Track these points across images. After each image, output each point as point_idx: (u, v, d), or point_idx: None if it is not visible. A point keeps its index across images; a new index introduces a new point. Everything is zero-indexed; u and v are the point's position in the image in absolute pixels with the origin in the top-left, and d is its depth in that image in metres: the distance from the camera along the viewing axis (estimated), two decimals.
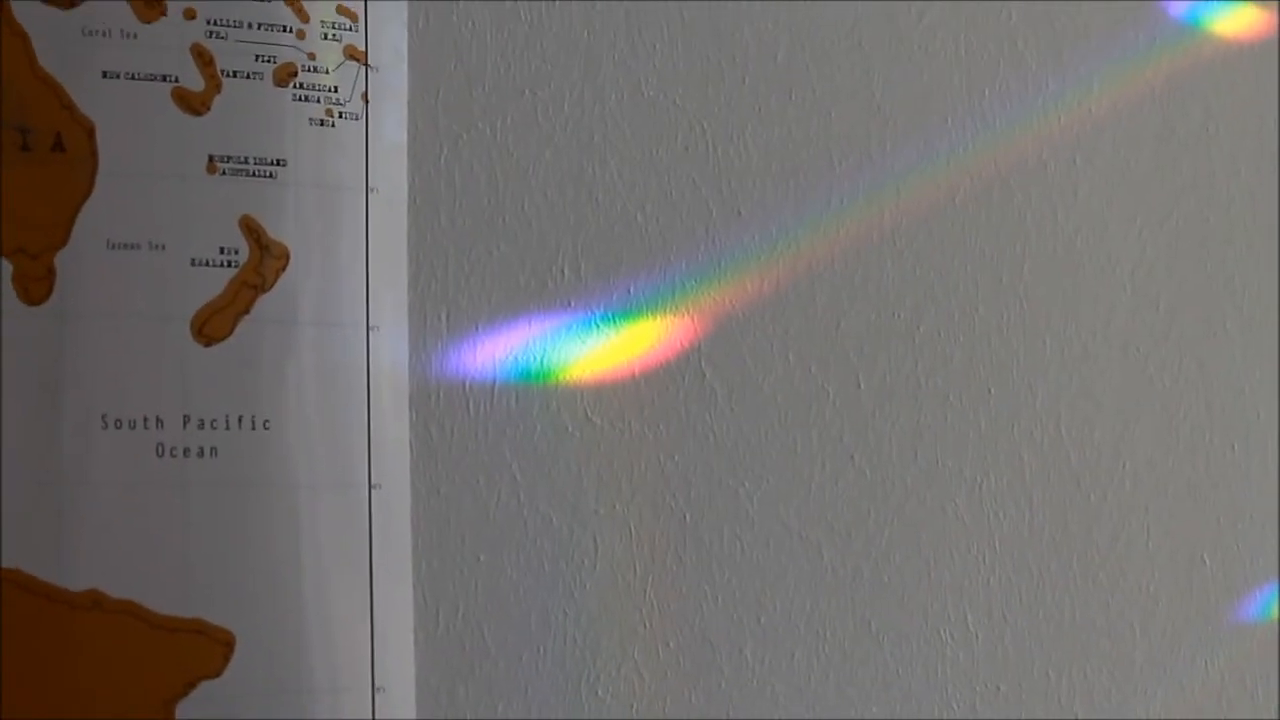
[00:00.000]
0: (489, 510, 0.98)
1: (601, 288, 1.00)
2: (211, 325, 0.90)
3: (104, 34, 0.89)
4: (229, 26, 0.91)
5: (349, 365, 0.94)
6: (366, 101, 0.95)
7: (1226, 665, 1.20)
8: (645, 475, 1.01)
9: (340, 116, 0.94)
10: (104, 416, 0.87)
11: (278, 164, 0.92)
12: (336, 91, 0.94)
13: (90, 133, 0.88)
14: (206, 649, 0.89)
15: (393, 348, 0.95)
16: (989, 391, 1.11)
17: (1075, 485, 1.13)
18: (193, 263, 0.89)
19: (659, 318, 1.01)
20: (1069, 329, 1.13)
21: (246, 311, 0.91)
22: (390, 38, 0.97)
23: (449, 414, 0.97)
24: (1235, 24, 1.16)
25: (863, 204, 1.06)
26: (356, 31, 0.95)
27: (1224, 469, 1.20)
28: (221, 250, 0.90)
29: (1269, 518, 1.22)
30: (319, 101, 0.94)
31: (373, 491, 0.94)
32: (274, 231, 0.91)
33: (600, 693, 1.00)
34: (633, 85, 1.02)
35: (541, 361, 0.99)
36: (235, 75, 0.91)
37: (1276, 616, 1.21)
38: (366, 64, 0.95)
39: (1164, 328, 1.16)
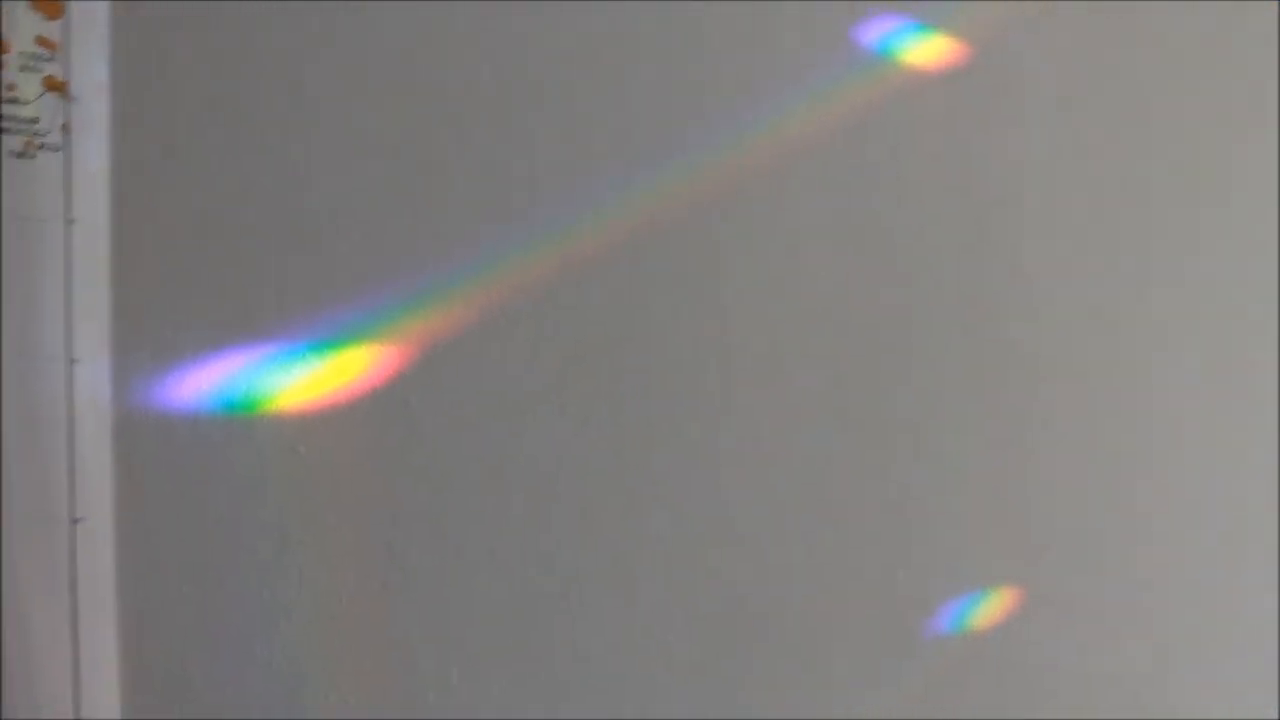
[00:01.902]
0: (194, 542, 0.98)
1: (307, 319, 1.01)
2: None
3: None
4: None
5: (50, 398, 0.93)
6: (67, 132, 0.95)
7: (922, 674, 1.25)
8: (351, 505, 1.02)
9: (40, 148, 0.94)
10: None
11: None
12: (36, 123, 0.94)
13: None
14: None
15: (95, 380, 0.95)
16: (692, 411, 1.14)
17: (772, 503, 1.17)
18: None
19: (364, 349, 1.02)
20: (766, 346, 1.16)
21: None
22: (92, 68, 0.97)
23: (154, 446, 0.97)
24: (922, 54, 1.20)
25: (564, 234, 1.08)
26: (56, 62, 0.95)
27: (913, 488, 1.25)
28: None
29: (959, 539, 1.27)
30: (18, 134, 0.93)
31: (76, 525, 0.94)
32: None
33: None
34: (339, 118, 1.02)
35: (247, 393, 0.99)
36: None
37: (969, 628, 1.27)
38: (67, 95, 0.95)
39: (860, 344, 1.20)
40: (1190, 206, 1.37)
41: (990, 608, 1.27)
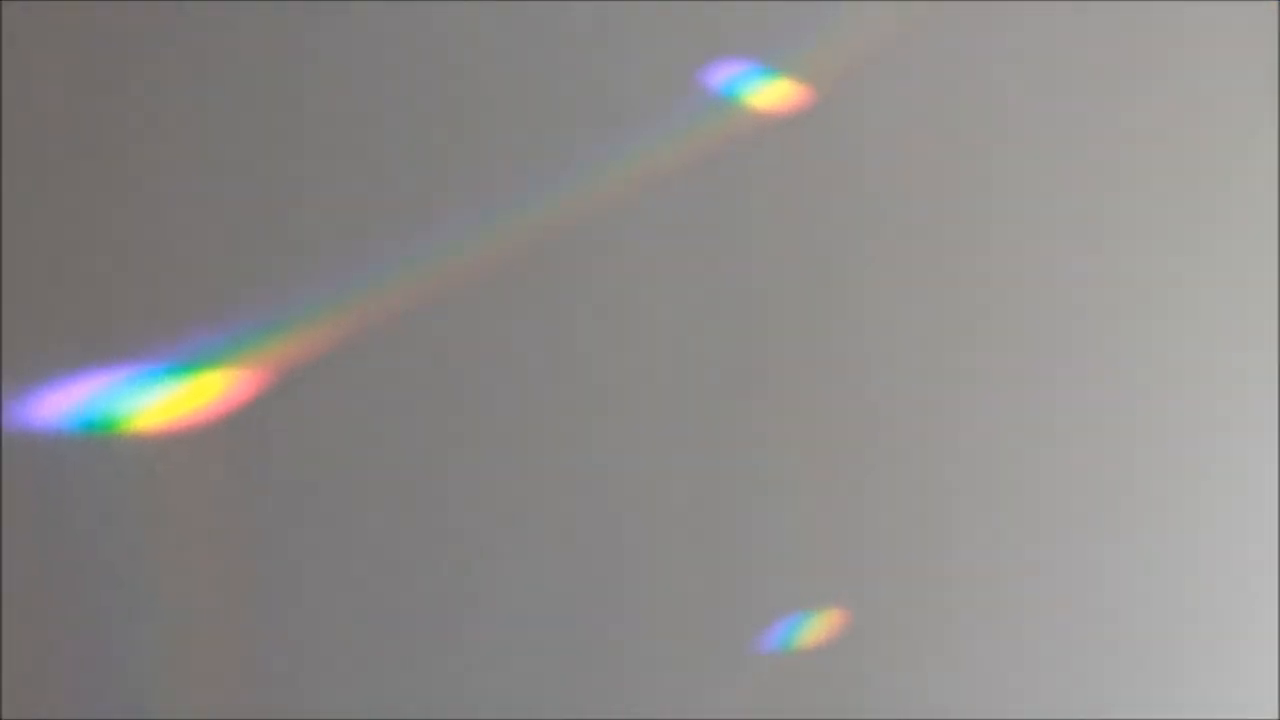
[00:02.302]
0: (51, 564, 0.99)
1: (167, 340, 1.03)
2: None
3: None
4: None
5: None
6: None
7: (750, 692, 1.31)
8: (211, 525, 1.04)
9: None
10: None
11: None
12: None
13: None
14: None
15: None
16: (538, 433, 1.18)
17: (615, 526, 1.22)
18: None
19: (223, 370, 1.05)
20: (619, 381, 1.21)
21: None
22: None
23: (11, 467, 0.99)
24: (768, 98, 1.25)
25: (421, 264, 1.11)
26: None
27: (737, 514, 1.30)
28: None
29: (791, 559, 1.33)
30: None
31: None
32: None
33: None
34: (197, 137, 1.04)
35: (107, 413, 1.01)
36: None
37: (797, 647, 1.33)
38: None
39: (701, 371, 1.25)
40: (1036, 244, 1.45)
41: (818, 626, 1.33)
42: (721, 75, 1.24)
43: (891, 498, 1.39)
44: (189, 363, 1.03)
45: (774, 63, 1.26)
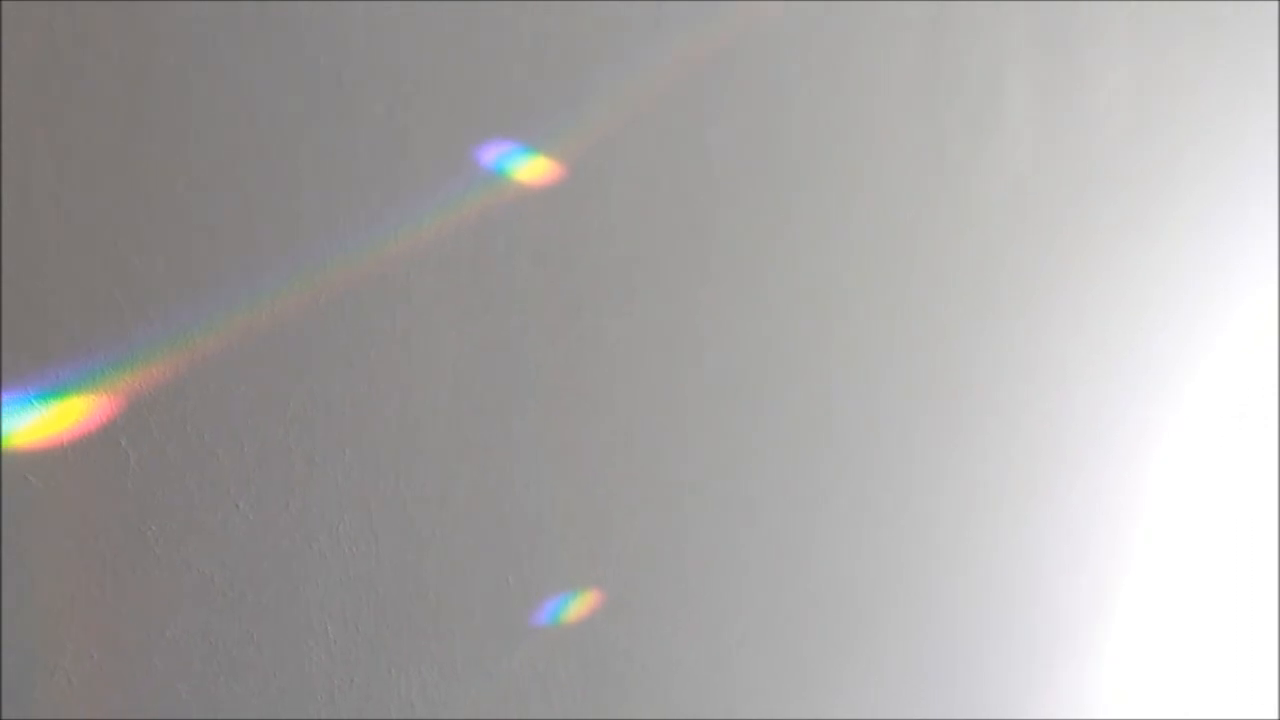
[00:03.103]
0: None
1: (36, 371, 1.20)
2: None
3: None
4: None
5: None
6: None
7: (527, 662, 1.49)
8: (74, 525, 1.22)
9: None
10: None
11: None
12: None
13: None
14: None
15: None
16: (356, 456, 1.36)
17: (408, 522, 1.40)
18: None
19: (83, 398, 1.22)
20: (402, 418, 1.38)
21: None
22: None
23: None
24: (530, 173, 1.44)
25: (246, 308, 1.29)
26: None
27: (515, 495, 1.49)
28: None
29: (569, 542, 1.51)
30: None
31: None
32: None
33: None
34: (54, 199, 1.19)
35: None
36: None
37: (564, 619, 1.51)
38: None
39: (497, 422, 1.44)
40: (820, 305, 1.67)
41: (580, 604, 1.53)
42: (492, 154, 1.41)
43: (643, 501, 1.57)
44: (55, 391, 1.21)
45: (533, 144, 1.43)
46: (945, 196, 1.82)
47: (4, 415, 1.20)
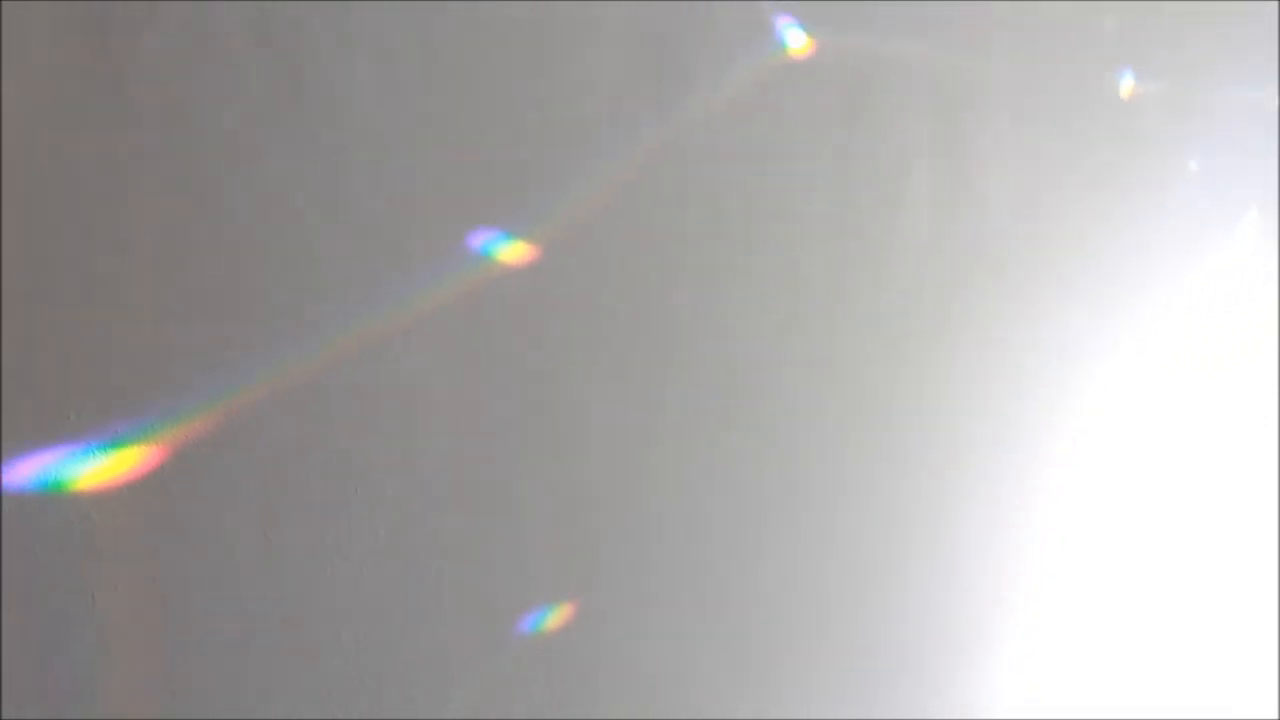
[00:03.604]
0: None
1: (98, 427, 1.33)
2: None
3: None
4: None
5: None
6: None
7: (503, 668, 1.61)
8: (128, 551, 1.36)
9: None
10: None
11: None
12: None
13: None
14: None
15: None
16: (364, 494, 1.48)
17: (368, 527, 1.50)
18: None
19: (137, 449, 1.35)
20: (402, 492, 1.51)
21: None
22: None
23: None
24: (511, 255, 1.60)
25: (240, 387, 1.41)
26: None
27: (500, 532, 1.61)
28: None
29: (549, 549, 1.63)
30: None
31: None
32: None
33: None
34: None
35: (59, 475, 1.31)
36: None
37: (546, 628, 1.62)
38: None
39: (486, 464, 1.57)
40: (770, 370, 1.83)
41: (558, 613, 1.64)
42: (479, 239, 1.56)
43: (613, 521, 1.71)
44: (113, 443, 1.35)
45: (513, 231, 1.59)
46: (862, 262, 2.02)
47: (71, 463, 1.33)
